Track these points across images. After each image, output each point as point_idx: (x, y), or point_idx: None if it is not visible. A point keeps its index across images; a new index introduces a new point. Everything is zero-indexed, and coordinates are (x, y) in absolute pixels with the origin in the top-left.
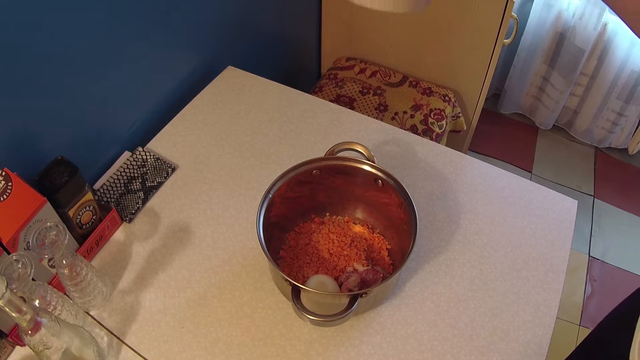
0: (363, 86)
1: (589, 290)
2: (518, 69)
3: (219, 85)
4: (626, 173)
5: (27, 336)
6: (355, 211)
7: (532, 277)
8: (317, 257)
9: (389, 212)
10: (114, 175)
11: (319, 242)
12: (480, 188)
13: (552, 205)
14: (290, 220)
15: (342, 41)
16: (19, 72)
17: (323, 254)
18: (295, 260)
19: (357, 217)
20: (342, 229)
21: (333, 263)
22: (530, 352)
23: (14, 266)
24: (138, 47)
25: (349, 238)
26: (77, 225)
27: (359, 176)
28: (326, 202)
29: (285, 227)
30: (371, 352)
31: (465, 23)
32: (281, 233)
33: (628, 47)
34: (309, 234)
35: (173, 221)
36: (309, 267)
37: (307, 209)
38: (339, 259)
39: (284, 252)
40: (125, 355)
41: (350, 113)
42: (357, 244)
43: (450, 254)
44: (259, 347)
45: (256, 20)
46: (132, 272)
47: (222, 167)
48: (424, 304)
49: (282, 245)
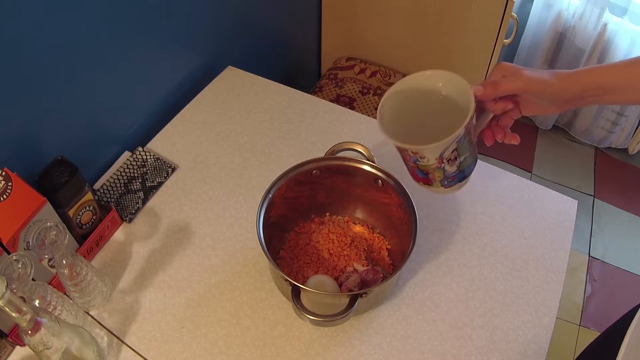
0: (363, 86)
1: (589, 290)
2: None
3: (219, 85)
4: (626, 173)
5: (27, 336)
6: (355, 211)
7: (532, 277)
8: (317, 257)
9: (389, 212)
10: (114, 175)
11: (319, 242)
12: (480, 188)
13: (552, 205)
14: (290, 220)
15: (342, 41)
16: (19, 72)
17: (323, 254)
18: (295, 260)
19: (357, 217)
20: (342, 229)
21: (333, 263)
22: (530, 352)
23: (14, 266)
24: (138, 47)
25: (349, 238)
26: (77, 225)
27: (359, 176)
28: (326, 202)
29: (285, 227)
30: (371, 352)
31: (465, 23)
32: (281, 233)
33: (628, 47)
34: (309, 234)
35: (173, 221)
36: (309, 267)
37: (307, 209)
38: (339, 259)
39: (284, 252)
40: (125, 355)
41: (350, 113)
42: (357, 244)
43: (450, 254)
44: (259, 347)
45: (256, 20)
46: (132, 272)
47: (222, 167)
48: (424, 304)
49: (282, 245)
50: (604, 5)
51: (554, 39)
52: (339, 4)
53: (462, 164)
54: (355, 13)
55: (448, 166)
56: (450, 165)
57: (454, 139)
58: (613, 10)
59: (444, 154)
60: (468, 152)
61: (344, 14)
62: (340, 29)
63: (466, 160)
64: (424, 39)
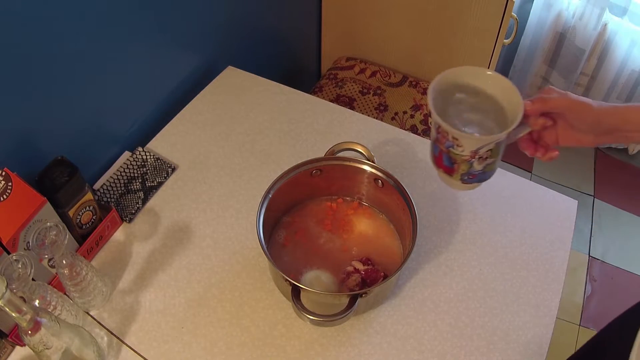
0: (363, 86)
1: (589, 290)
2: (518, 69)
3: (219, 85)
4: (626, 173)
5: (27, 336)
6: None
7: (532, 277)
8: (317, 257)
9: (389, 212)
10: (114, 175)
11: (319, 242)
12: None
13: (552, 205)
14: (290, 220)
15: (342, 41)
16: (19, 72)
17: (324, 254)
18: (296, 260)
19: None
20: (342, 228)
21: (334, 263)
22: (530, 352)
23: (14, 266)
24: (138, 47)
25: (349, 238)
26: (77, 225)
27: (358, 176)
28: (326, 202)
29: (285, 227)
30: (371, 352)
31: (465, 23)
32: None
33: (628, 47)
34: (309, 234)
35: (173, 221)
36: (310, 267)
37: (307, 208)
38: (340, 258)
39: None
40: (125, 355)
41: (350, 113)
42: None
43: (450, 254)
44: (259, 347)
45: (256, 20)
46: (132, 272)
47: (222, 167)
48: (424, 304)
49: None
50: (604, 5)
51: (554, 39)
52: (339, 4)
53: (488, 166)
54: (355, 13)
55: (477, 163)
56: (479, 163)
57: (496, 139)
58: (613, 10)
59: (480, 150)
60: (498, 157)
61: (344, 14)
62: (340, 29)
63: (493, 164)
64: (424, 39)
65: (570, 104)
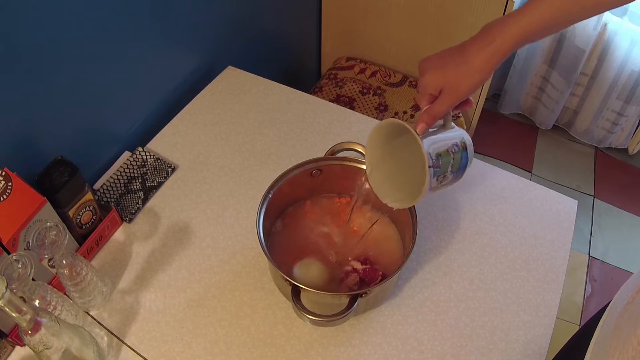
0: (363, 86)
1: (589, 290)
2: (518, 69)
3: (219, 85)
4: (626, 173)
5: (27, 336)
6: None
7: (532, 277)
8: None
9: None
10: (114, 175)
11: (320, 242)
12: (480, 188)
13: (552, 205)
14: (290, 220)
15: (342, 41)
16: (19, 71)
17: (324, 254)
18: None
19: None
20: (342, 228)
21: (334, 262)
22: (530, 352)
23: (14, 266)
24: (138, 47)
25: (349, 237)
26: (77, 225)
27: (358, 176)
28: (326, 201)
29: (285, 227)
30: (371, 352)
31: (465, 23)
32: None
33: (628, 47)
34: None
35: (173, 221)
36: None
37: (308, 208)
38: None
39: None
40: (125, 355)
41: (350, 113)
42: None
43: (450, 254)
44: (259, 347)
45: (256, 20)
46: (132, 272)
47: (222, 167)
48: (424, 304)
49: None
50: None
51: (554, 39)
52: (339, 4)
53: (450, 174)
54: (355, 13)
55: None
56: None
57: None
58: (613, 10)
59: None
60: (449, 165)
61: (344, 14)
62: (340, 29)
63: (453, 167)
64: (424, 39)
65: (435, 79)
